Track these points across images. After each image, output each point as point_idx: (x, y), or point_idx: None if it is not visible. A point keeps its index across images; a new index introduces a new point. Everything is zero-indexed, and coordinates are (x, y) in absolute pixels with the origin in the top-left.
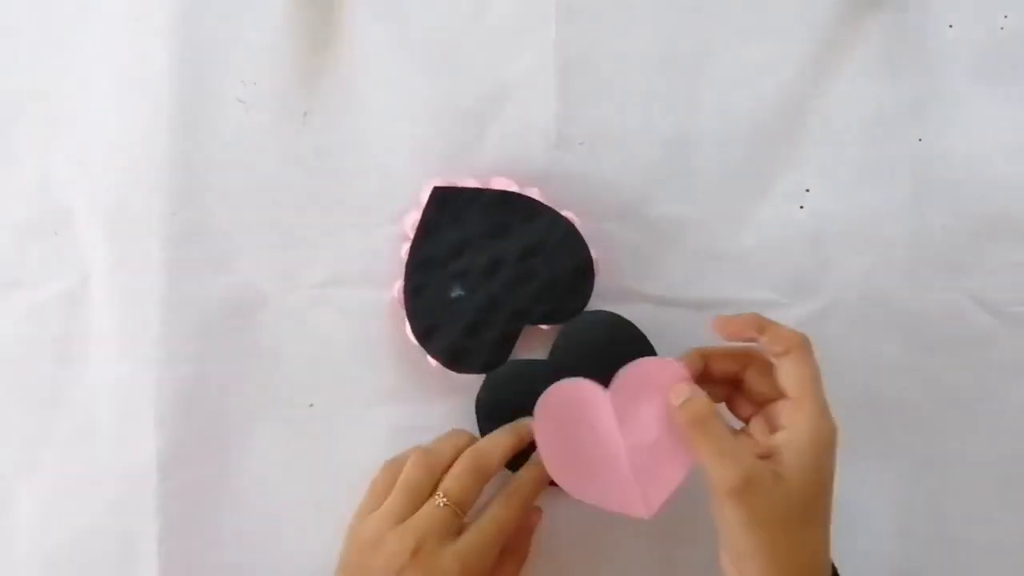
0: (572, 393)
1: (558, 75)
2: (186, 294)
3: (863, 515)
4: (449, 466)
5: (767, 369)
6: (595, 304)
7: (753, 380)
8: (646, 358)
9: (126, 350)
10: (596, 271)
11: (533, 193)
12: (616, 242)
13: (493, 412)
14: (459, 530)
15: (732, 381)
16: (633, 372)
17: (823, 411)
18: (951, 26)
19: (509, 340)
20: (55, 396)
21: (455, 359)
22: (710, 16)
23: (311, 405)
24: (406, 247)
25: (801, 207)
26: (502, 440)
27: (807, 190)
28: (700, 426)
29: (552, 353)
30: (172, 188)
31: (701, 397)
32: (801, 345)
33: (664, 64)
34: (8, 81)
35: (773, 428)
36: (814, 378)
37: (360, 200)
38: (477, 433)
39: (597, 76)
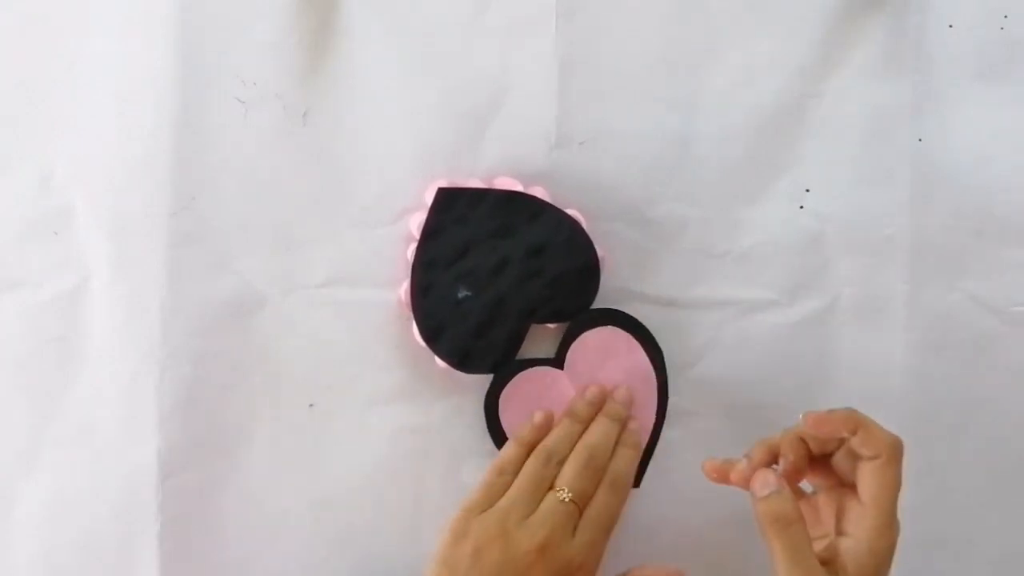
0: (530, 381)
1: (558, 74)
2: (187, 294)
3: None
4: (564, 458)
5: (872, 434)
6: (596, 304)
7: (841, 462)
8: (592, 330)
9: (127, 350)
10: (602, 269)
11: (538, 192)
12: (616, 242)
13: None
14: (577, 523)
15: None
16: (583, 347)
17: (888, 524)
18: (951, 26)
19: (516, 339)
20: (55, 396)
21: (463, 360)
22: (710, 16)
23: (311, 405)
24: (412, 248)
25: (801, 207)
26: (611, 430)
27: (807, 190)
28: (781, 528)
29: (559, 351)
30: (172, 188)
31: (786, 496)
32: (891, 452)
33: (664, 64)
34: (8, 81)
35: (839, 520)
36: (893, 488)
37: (360, 200)
38: (485, 432)
39: (597, 76)
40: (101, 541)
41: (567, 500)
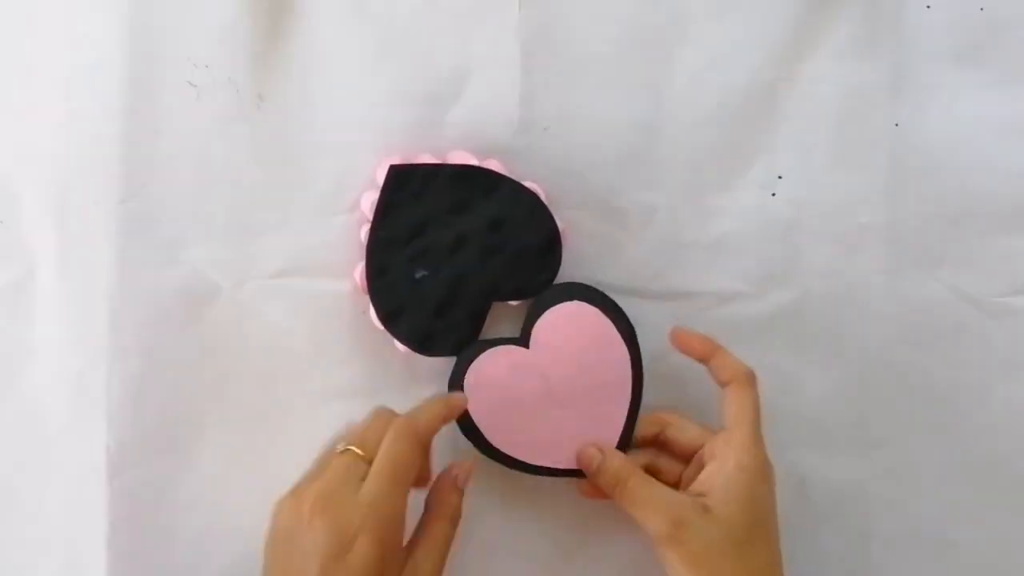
0: (495, 361)
1: (521, 57)
2: (136, 285)
3: (839, 514)
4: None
5: (685, 424)
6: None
7: (674, 437)
8: (557, 305)
9: (74, 343)
10: (564, 243)
11: (493, 165)
12: (581, 231)
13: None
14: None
15: (654, 442)
16: (548, 324)
17: (753, 442)
18: (928, 7)
19: (478, 319)
20: (0, 391)
21: (423, 342)
22: None
23: (266, 400)
24: (365, 229)
25: (773, 194)
26: (433, 407)
27: (779, 177)
28: (621, 487)
29: (523, 329)
30: (121, 175)
31: (613, 458)
32: (744, 377)
33: (632, 46)
34: None
35: (703, 457)
36: (750, 411)
37: (316, 188)
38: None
39: (562, 58)
40: (48, 541)
41: (342, 450)
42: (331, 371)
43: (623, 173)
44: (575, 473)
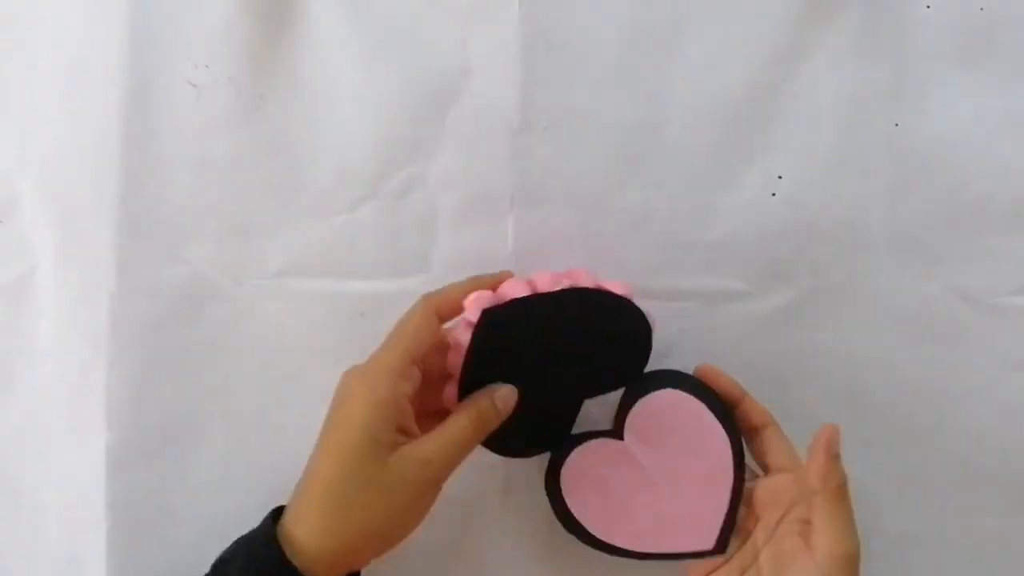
0: (590, 456)
1: (521, 56)
2: (137, 285)
3: None
4: None
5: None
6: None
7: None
8: (650, 395)
9: (75, 342)
10: (653, 328)
11: (582, 279)
12: (581, 230)
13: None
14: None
15: None
16: (643, 414)
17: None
18: (928, 7)
19: (571, 418)
20: (0, 390)
21: (521, 452)
22: None
23: (267, 400)
24: (456, 354)
25: (773, 194)
26: (461, 284)
27: (780, 176)
28: (839, 485)
29: (616, 420)
30: (122, 174)
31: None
32: (774, 420)
33: (632, 45)
34: None
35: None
36: (793, 449)
37: (317, 187)
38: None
39: (562, 57)
40: (48, 539)
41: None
42: (331, 371)
43: (623, 172)
44: (682, 556)
